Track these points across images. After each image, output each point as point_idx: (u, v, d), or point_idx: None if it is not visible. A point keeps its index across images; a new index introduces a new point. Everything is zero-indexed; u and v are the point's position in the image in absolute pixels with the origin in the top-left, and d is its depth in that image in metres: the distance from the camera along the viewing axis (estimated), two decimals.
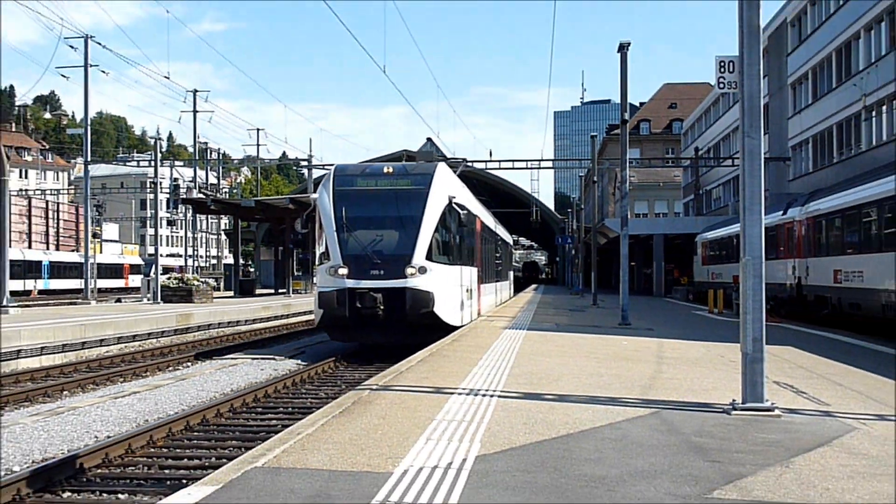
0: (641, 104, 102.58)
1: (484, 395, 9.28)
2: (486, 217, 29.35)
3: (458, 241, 20.23)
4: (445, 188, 18.97)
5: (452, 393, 9.47)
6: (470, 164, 50.44)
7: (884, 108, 35.80)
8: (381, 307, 17.03)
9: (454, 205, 19.18)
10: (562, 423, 7.65)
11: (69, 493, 8.23)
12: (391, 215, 18.56)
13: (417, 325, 17.63)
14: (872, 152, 35.85)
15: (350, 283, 17.28)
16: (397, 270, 17.34)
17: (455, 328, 18.85)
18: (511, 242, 51.80)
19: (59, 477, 8.54)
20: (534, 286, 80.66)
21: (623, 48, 24.33)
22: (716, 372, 11.90)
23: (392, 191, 18.86)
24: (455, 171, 26.09)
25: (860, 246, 21.01)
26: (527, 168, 60.24)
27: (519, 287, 70.38)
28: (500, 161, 54.24)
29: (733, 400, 8.51)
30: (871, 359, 14.16)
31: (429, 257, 17.71)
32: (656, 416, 8.13)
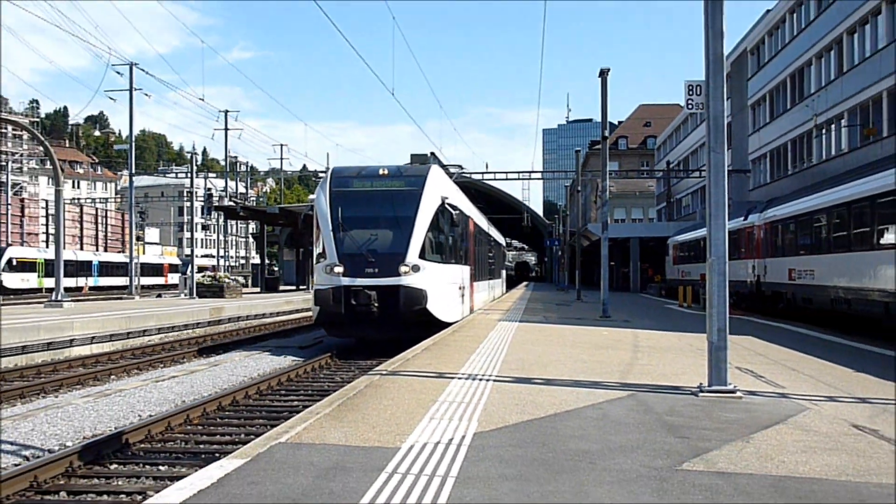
0: (619, 122, 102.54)
1: (481, 380, 9.29)
2: (478, 218, 27.12)
3: (450, 241, 18.57)
4: (438, 189, 17.44)
5: (453, 378, 9.48)
6: (467, 174, 50.45)
7: (833, 126, 35.88)
8: (376, 304, 15.63)
9: (447, 205, 17.58)
10: (549, 404, 7.66)
11: (116, 465, 8.26)
12: (386, 215, 16.85)
13: (411, 322, 16.25)
14: (822, 165, 35.95)
15: (345, 280, 15.82)
16: (391, 268, 15.89)
17: (448, 324, 17.48)
18: (504, 244, 49.94)
19: (107, 451, 8.56)
20: (525, 283, 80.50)
21: (603, 73, 24.34)
22: (685, 359, 11.91)
23: (387, 191, 17.21)
24: (452, 178, 24.36)
25: (812, 248, 21.02)
26: (518, 179, 60.53)
27: (511, 284, 70.32)
28: (494, 173, 54.32)
29: (700, 383, 8.52)
30: (821, 347, 14.16)
31: (422, 256, 16.27)
32: (633, 398, 8.13)
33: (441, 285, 17.12)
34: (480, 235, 27.07)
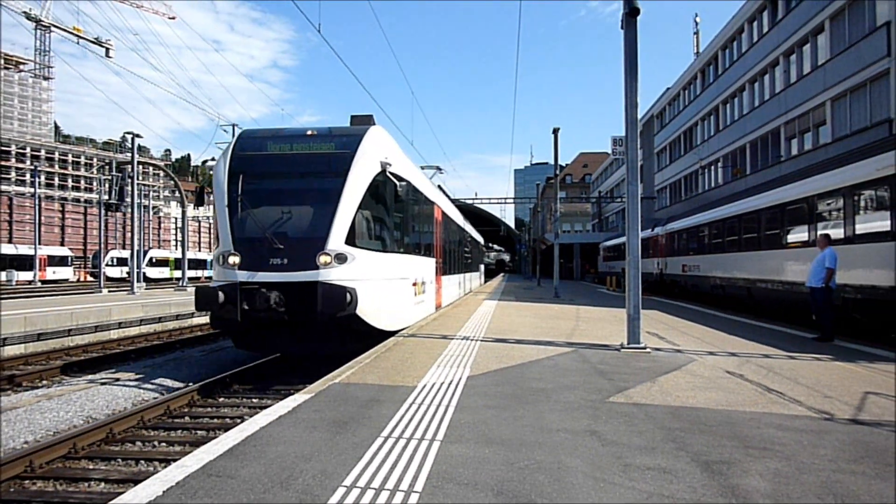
0: (566, 164, 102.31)
1: (472, 340, 9.28)
2: (448, 207, 17.57)
3: (398, 223, 10.36)
4: (378, 154, 9.43)
5: (453, 339, 9.47)
6: (461, 200, 50.35)
7: (712, 167, 35.88)
8: (282, 308, 8.48)
9: (390, 175, 9.55)
10: (519, 357, 7.65)
11: (223, 398, 8.25)
12: (303, 187, 9.13)
13: (333, 331, 8.90)
14: (706, 194, 35.93)
15: (242, 275, 8.62)
16: (306, 259, 8.59)
17: (390, 333, 9.79)
18: (482, 242, 38.18)
19: (216, 388, 8.56)
20: (502, 275, 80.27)
21: (555, 131, 24.30)
22: (611, 325, 11.89)
23: (307, 156, 9.28)
24: (430, 177, 17.11)
25: (697, 250, 20.99)
26: (497, 203, 60.68)
27: (492, 275, 70.09)
28: (481, 199, 54.24)
29: (622, 342, 8.52)
30: (705, 318, 14.13)
31: (351, 241, 8.77)
32: (576, 352, 8.12)
33: (379, 282, 9.43)
34: (451, 226, 17.94)
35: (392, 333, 9.89)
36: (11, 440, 6.52)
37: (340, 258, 8.63)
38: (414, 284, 11.41)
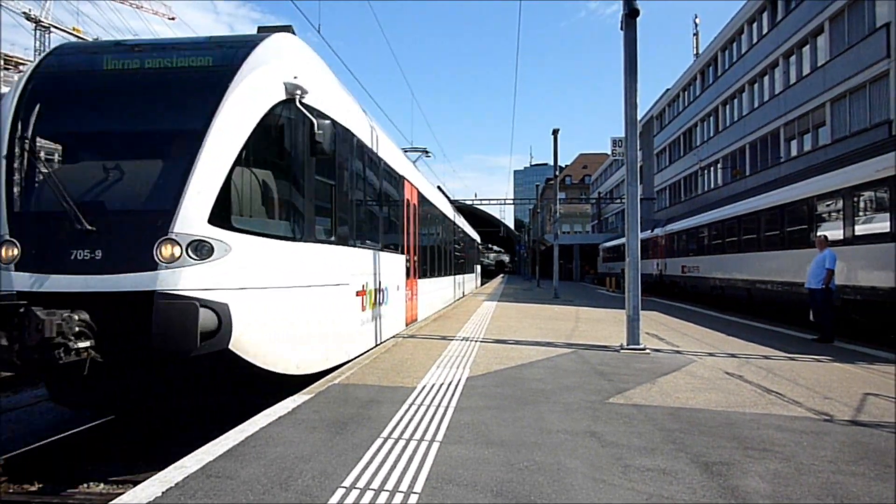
0: (566, 165, 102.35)
1: (471, 341, 9.28)
2: (428, 190, 13.63)
3: (329, 194, 6.09)
4: (281, 71, 5.30)
5: (452, 339, 9.47)
6: (461, 201, 50.38)
7: (711, 168, 35.94)
8: (86, 343, 4.19)
9: (303, 108, 5.32)
10: (518, 357, 7.65)
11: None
12: (144, 127, 4.87)
13: (187, 380, 4.85)
14: (704, 195, 36.00)
15: (21, 279, 4.44)
16: (136, 249, 4.35)
17: (312, 377, 5.92)
18: (478, 240, 33.34)
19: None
20: (501, 276, 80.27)
21: (555, 132, 24.34)
22: (611, 326, 11.89)
23: (160, 75, 5.07)
24: (414, 160, 13.58)
25: (697, 251, 21.01)
26: (497, 204, 60.75)
27: (491, 275, 70.00)
28: (481, 200, 54.59)
29: (621, 343, 8.52)
30: (704, 319, 14.14)
31: (222, 219, 4.63)
32: (575, 353, 8.12)
33: (282, 291, 5.28)
34: (434, 214, 14.14)
35: (317, 376, 6.07)
36: (12, 440, 6.52)
37: (200, 249, 4.62)
38: (360, 293, 7.43)
